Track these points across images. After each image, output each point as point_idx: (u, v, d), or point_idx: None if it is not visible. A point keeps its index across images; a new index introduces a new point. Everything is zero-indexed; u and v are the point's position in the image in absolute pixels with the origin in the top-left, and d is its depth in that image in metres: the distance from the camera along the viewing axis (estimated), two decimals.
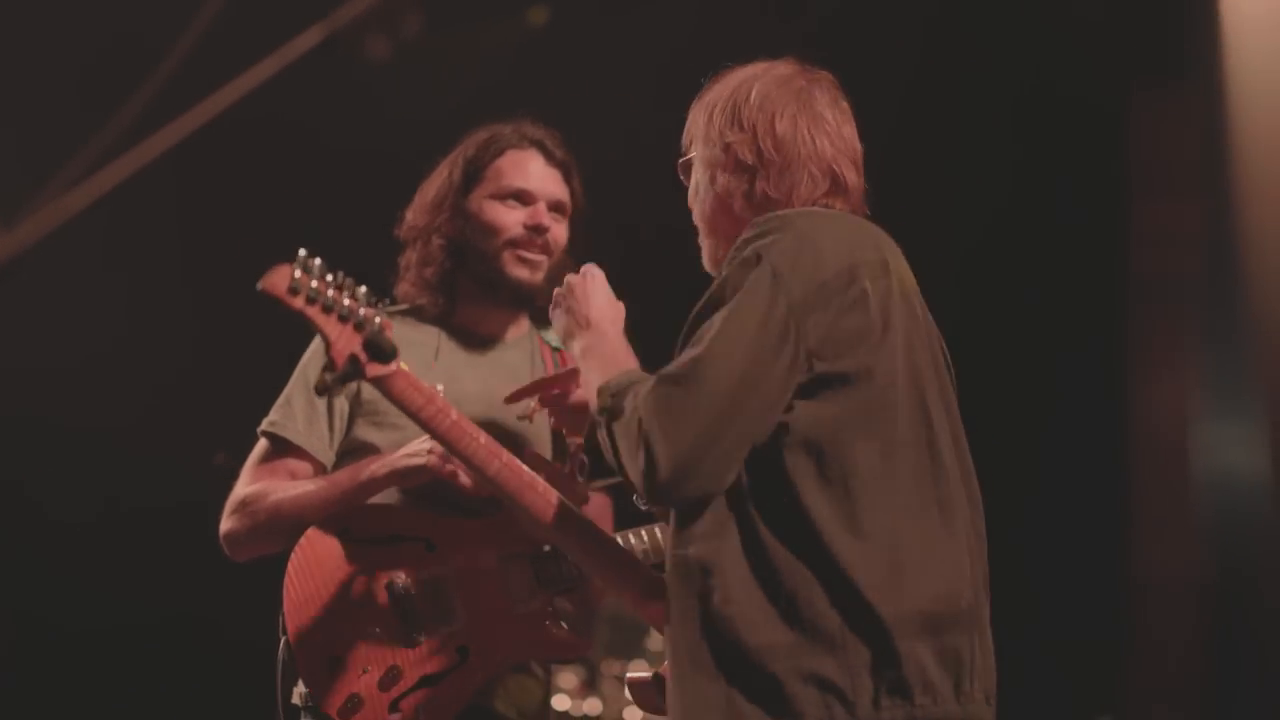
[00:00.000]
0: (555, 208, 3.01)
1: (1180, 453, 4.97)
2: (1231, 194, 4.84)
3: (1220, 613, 4.82)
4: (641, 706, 2.49)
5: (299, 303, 2.21)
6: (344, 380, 2.25)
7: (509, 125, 3.04)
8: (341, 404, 2.89)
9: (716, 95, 2.39)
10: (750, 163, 2.32)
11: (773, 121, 2.32)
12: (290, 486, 2.80)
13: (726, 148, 2.34)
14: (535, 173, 3.00)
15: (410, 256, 3.01)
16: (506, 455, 2.43)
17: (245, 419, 2.96)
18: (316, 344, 2.93)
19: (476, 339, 3.01)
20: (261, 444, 2.91)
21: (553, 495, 2.44)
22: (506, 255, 2.95)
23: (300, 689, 2.74)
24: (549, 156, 3.02)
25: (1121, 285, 5.18)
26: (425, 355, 2.90)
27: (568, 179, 3.05)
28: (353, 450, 2.86)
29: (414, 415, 2.38)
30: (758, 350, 2.09)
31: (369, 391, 2.84)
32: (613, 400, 2.16)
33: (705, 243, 2.44)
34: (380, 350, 2.27)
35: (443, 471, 2.68)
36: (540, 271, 2.98)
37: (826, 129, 2.34)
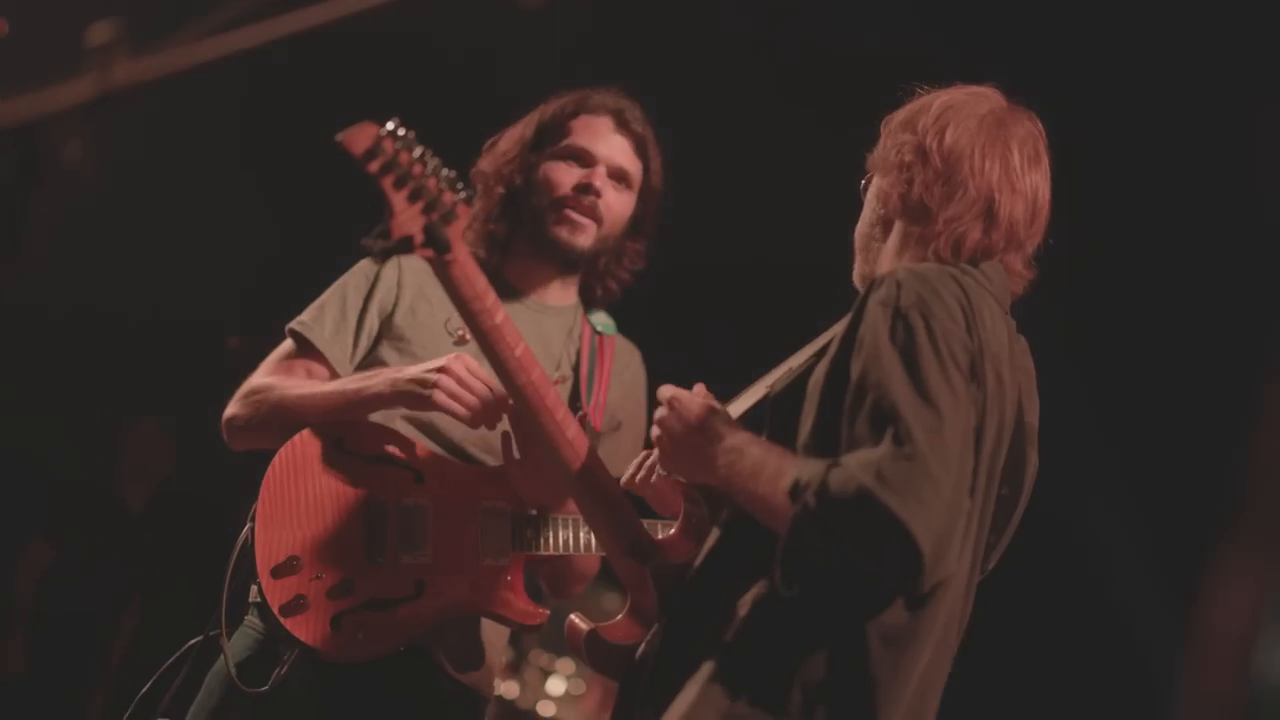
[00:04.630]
0: (618, 176, 2.97)
1: (1243, 652, 4.95)
2: None
3: None
4: (572, 649, 2.47)
5: (374, 167, 2.11)
6: (390, 253, 2.15)
7: (594, 91, 3.03)
8: (372, 322, 2.89)
9: (907, 108, 2.31)
10: (910, 162, 2.23)
11: (945, 129, 2.22)
12: (298, 384, 2.80)
13: (896, 150, 2.25)
14: (602, 137, 2.97)
15: (477, 205, 3.00)
16: (538, 373, 2.38)
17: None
18: (362, 263, 2.94)
19: (519, 297, 2.99)
20: (286, 343, 2.90)
21: (570, 426, 2.41)
22: (552, 214, 2.94)
23: (255, 586, 2.72)
24: (622, 125, 2.99)
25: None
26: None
27: (640, 152, 3.01)
28: (370, 369, 2.83)
29: (460, 307, 2.32)
30: (955, 410, 1.97)
31: (402, 318, 2.88)
32: (819, 497, 1.93)
33: (857, 258, 2.35)
34: (438, 239, 2.17)
35: (447, 408, 2.64)
36: (584, 235, 2.94)
37: (1004, 158, 2.22)
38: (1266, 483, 5.01)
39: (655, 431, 2.28)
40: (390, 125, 2.13)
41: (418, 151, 2.15)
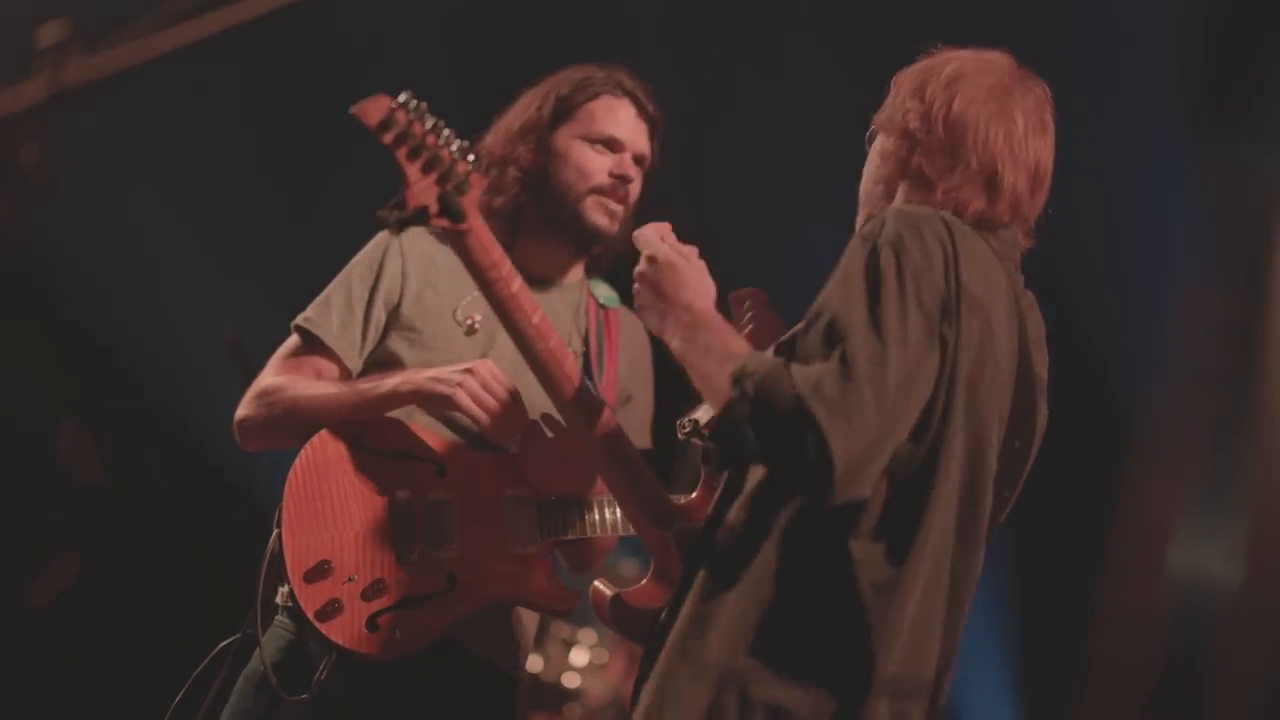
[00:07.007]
0: (638, 160, 3.00)
1: (1161, 547, 4.98)
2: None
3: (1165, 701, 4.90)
4: (597, 614, 2.50)
5: (387, 138, 2.14)
6: (406, 223, 2.17)
7: (603, 70, 3.02)
8: (379, 314, 2.86)
9: (917, 68, 2.32)
10: (914, 130, 2.25)
11: (952, 100, 2.24)
12: (312, 385, 2.78)
13: (903, 114, 2.27)
14: (626, 122, 2.98)
15: (485, 182, 2.94)
16: (555, 340, 2.40)
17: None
18: (365, 250, 2.92)
19: (528, 276, 2.91)
20: (292, 339, 2.88)
21: (589, 394, 2.42)
22: (589, 200, 2.94)
23: (284, 589, 2.71)
24: (641, 109, 3.01)
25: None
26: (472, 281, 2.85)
27: (652, 134, 3.03)
28: (382, 362, 2.83)
29: (477, 277, 2.34)
30: (901, 351, 1.99)
31: (409, 308, 2.86)
32: (758, 389, 1.98)
33: (860, 212, 2.38)
34: (452, 209, 2.20)
35: (469, 411, 2.65)
36: (616, 222, 2.96)
37: (1008, 129, 2.23)
38: (1182, 385, 4.98)
39: (635, 286, 2.30)
40: (403, 97, 2.16)
41: (430, 122, 2.18)
